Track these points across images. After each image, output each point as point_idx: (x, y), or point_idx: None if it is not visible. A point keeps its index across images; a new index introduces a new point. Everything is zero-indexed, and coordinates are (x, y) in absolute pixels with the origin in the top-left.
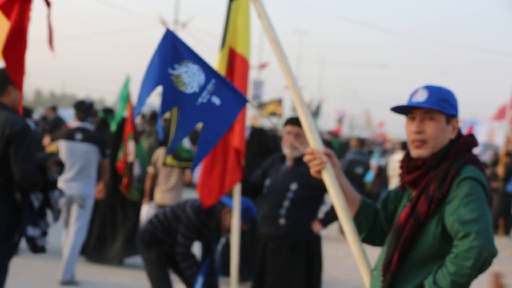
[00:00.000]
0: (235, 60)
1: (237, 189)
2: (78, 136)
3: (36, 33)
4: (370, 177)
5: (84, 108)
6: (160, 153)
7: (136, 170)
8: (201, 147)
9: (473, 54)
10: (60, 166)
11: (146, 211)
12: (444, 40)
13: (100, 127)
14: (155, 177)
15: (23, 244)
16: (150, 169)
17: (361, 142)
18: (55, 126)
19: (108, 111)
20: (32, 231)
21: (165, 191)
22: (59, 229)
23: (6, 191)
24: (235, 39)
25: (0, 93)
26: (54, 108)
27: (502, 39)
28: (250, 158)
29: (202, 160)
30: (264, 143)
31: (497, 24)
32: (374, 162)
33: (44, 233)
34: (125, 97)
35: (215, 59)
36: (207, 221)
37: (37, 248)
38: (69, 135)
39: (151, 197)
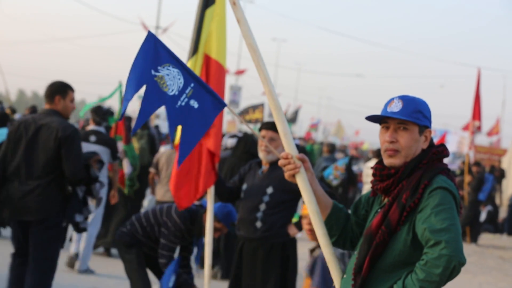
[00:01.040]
0: (210, 66)
1: (210, 192)
2: (92, 138)
3: (20, 34)
4: (327, 173)
5: (100, 113)
6: (160, 154)
7: (127, 169)
8: (181, 149)
9: (447, 68)
10: (100, 164)
11: (149, 201)
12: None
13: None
14: (153, 176)
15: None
16: (151, 170)
17: (332, 148)
18: (3, 119)
19: (110, 113)
20: (78, 217)
21: (166, 189)
22: None
23: (57, 184)
24: (209, 46)
25: (50, 102)
26: (34, 107)
27: (492, 56)
28: (236, 162)
29: (182, 162)
30: (247, 149)
31: (489, 43)
32: (338, 164)
33: (86, 218)
34: (104, 100)
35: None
36: (191, 227)
37: (80, 229)
38: (84, 137)
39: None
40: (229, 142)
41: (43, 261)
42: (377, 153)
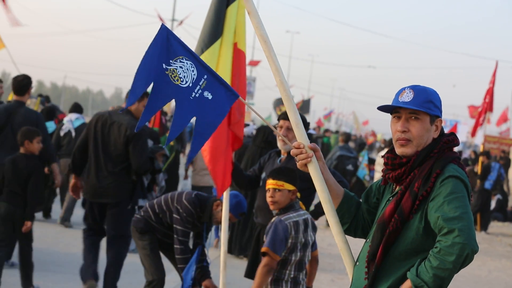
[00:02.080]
0: (240, 57)
1: None
2: None
3: (40, 28)
4: (362, 174)
5: None
6: None
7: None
8: (195, 140)
9: (456, 58)
10: (165, 157)
11: (183, 185)
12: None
13: None
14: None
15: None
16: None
17: (347, 137)
18: (51, 113)
19: None
20: (141, 202)
21: (200, 175)
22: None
23: (127, 173)
24: (239, 37)
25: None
26: (47, 97)
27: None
28: (255, 151)
29: (196, 152)
30: (266, 138)
31: (495, 34)
32: (365, 160)
33: None
34: None
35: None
36: (201, 213)
37: None
38: None
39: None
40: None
41: (119, 238)
42: (389, 143)
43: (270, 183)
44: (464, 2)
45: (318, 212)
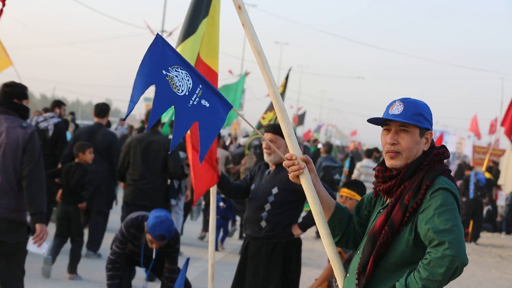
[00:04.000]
0: (204, 70)
1: (212, 191)
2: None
3: (29, 39)
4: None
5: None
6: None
7: None
8: (202, 144)
9: (445, 70)
10: (188, 166)
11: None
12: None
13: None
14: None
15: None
16: None
17: (329, 148)
18: (67, 125)
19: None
20: (173, 201)
21: None
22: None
23: (163, 179)
24: (203, 50)
25: (155, 125)
26: (47, 109)
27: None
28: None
29: (205, 153)
30: None
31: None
32: (346, 167)
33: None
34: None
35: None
36: (138, 233)
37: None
38: None
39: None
40: (242, 140)
41: None
42: (369, 154)
43: (344, 191)
44: (454, 12)
45: (306, 224)
